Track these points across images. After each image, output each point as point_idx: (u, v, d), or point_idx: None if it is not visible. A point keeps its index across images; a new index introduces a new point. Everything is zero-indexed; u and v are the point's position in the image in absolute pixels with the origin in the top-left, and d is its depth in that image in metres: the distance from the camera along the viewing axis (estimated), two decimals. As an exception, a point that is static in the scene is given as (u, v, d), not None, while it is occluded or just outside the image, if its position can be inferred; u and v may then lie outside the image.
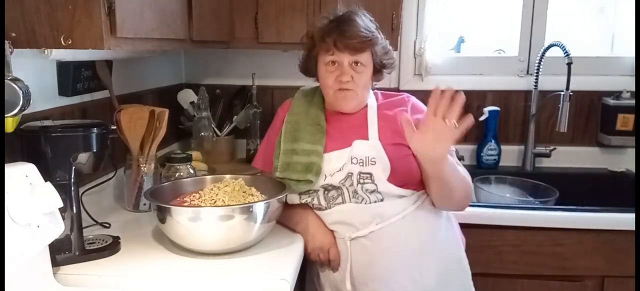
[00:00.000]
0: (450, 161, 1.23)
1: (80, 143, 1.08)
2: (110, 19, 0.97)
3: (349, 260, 1.29)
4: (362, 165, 1.27)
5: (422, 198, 1.32)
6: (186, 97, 1.99)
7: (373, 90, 1.44)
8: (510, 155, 2.11)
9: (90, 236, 1.20)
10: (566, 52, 1.85)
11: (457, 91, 1.08)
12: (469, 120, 1.08)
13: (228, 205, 1.17)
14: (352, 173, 1.28)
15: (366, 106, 1.38)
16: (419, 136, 1.13)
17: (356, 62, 1.31)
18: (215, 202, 1.20)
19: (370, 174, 1.27)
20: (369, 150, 1.29)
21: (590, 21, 2.22)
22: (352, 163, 1.28)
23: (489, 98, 2.09)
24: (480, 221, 1.58)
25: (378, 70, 1.38)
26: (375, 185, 1.27)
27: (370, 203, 1.28)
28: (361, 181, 1.27)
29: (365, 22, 1.32)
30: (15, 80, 0.92)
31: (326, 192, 1.32)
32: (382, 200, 1.28)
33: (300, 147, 1.33)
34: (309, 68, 1.42)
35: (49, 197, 0.91)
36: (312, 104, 1.41)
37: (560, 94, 1.89)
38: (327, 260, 1.31)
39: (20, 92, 0.91)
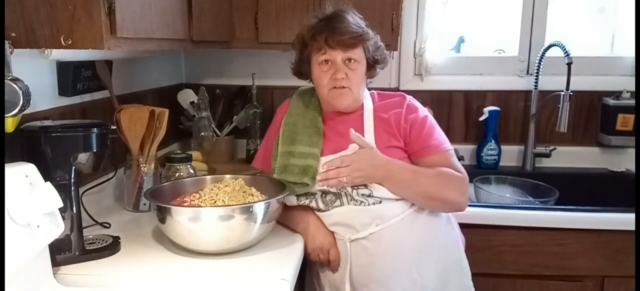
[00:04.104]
0: (405, 168, 1.27)
1: (80, 143, 1.08)
2: (110, 19, 0.97)
3: (349, 261, 1.29)
4: None
5: (422, 199, 1.32)
6: (186, 97, 1.99)
7: (369, 90, 1.43)
8: (510, 155, 2.11)
9: (90, 236, 1.20)
10: (566, 52, 1.85)
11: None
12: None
13: (228, 205, 1.17)
14: None
15: (362, 107, 1.38)
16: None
17: (349, 59, 1.31)
18: (215, 202, 1.20)
19: None
20: None
21: (590, 21, 2.22)
22: None
23: (489, 98, 2.09)
24: (480, 221, 1.58)
25: (371, 66, 1.38)
26: (370, 190, 1.27)
27: (369, 205, 1.27)
28: (357, 186, 1.27)
29: (355, 19, 1.33)
30: (15, 80, 0.92)
31: (324, 195, 1.31)
32: (380, 202, 1.27)
33: (297, 149, 1.32)
34: (302, 70, 1.41)
35: (49, 197, 0.91)
36: (309, 106, 1.41)
37: (560, 94, 1.89)
38: (327, 261, 1.31)
39: (20, 92, 0.91)
